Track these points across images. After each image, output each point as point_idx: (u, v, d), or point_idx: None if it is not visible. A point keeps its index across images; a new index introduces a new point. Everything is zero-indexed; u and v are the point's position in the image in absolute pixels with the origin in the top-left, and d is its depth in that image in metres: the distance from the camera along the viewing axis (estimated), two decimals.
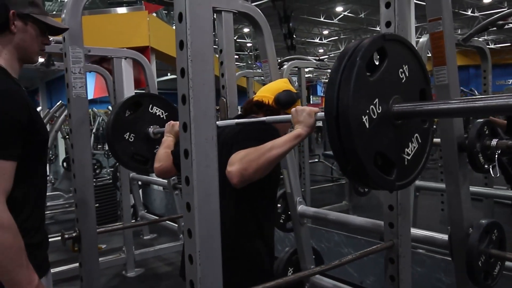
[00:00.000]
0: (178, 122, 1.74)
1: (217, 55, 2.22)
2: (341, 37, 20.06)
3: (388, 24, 1.42)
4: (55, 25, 1.32)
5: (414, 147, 1.05)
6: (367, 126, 0.91)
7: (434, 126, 1.20)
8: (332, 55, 22.94)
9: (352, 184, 4.40)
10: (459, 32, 15.53)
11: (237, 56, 21.18)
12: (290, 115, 1.25)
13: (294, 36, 12.06)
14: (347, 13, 15.57)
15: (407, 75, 1.02)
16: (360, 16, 15.73)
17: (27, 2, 1.24)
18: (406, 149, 1.02)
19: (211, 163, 0.96)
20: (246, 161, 1.16)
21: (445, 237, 1.78)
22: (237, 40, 17.50)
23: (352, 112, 0.88)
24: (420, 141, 1.06)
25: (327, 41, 20.62)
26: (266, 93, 1.57)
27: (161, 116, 2.10)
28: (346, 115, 0.88)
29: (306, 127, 1.20)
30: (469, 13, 14.75)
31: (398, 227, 1.48)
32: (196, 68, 0.93)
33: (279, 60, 6.35)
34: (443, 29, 1.57)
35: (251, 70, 9.44)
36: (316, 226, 3.51)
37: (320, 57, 6.96)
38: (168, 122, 1.79)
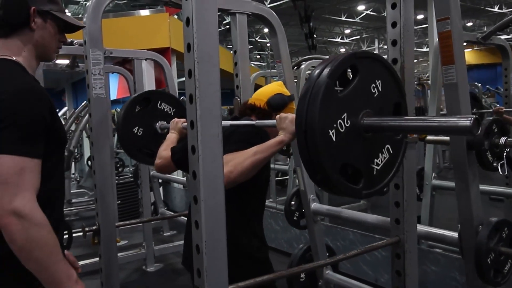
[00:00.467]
0: (182, 120, 1.82)
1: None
2: (363, 36, 19.86)
3: (394, 25, 1.44)
4: (73, 22, 1.31)
5: (385, 158, 1.10)
6: (334, 139, 0.97)
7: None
8: None
9: None
10: (484, 29, 15.14)
11: (258, 56, 21.26)
12: (274, 121, 1.33)
13: (315, 35, 12.04)
14: (369, 11, 15.40)
15: (380, 89, 1.07)
16: (383, 14, 15.54)
17: None
18: (375, 160, 1.08)
19: (217, 158, 1.02)
20: (232, 165, 1.24)
21: (455, 234, 1.79)
22: (258, 40, 17.58)
23: (319, 126, 0.95)
24: (391, 151, 1.11)
25: (349, 40, 20.44)
26: (260, 96, 1.62)
27: (169, 112, 2.19)
28: (313, 129, 0.95)
29: (288, 133, 1.28)
30: (496, 9, 14.38)
31: (404, 223, 1.51)
32: (202, 69, 0.99)
33: (298, 59, 6.38)
34: (451, 28, 1.58)
35: (270, 70, 9.49)
36: (332, 225, 3.53)
37: None
38: (173, 120, 1.87)
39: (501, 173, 1.58)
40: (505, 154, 1.58)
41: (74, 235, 3.33)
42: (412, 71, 1.46)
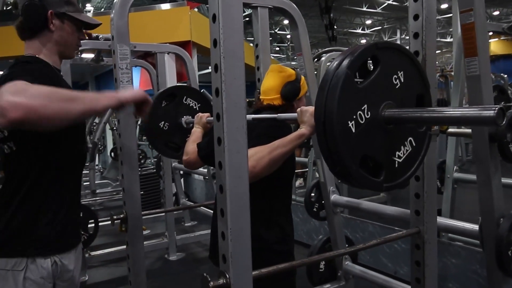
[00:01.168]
0: (206, 114, 1.86)
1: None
2: (385, 26, 19.54)
3: (416, 17, 1.45)
4: (89, 21, 1.42)
5: (407, 150, 1.08)
6: (353, 131, 0.96)
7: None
8: None
9: None
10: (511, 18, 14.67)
11: (278, 48, 21.18)
12: (296, 114, 1.34)
13: (335, 27, 11.92)
14: (391, 1, 15.13)
15: (402, 81, 1.05)
16: (405, 4, 15.25)
17: (63, 1, 1.35)
18: (397, 152, 1.06)
19: (242, 149, 1.06)
20: (255, 159, 1.27)
21: (475, 227, 1.79)
22: (278, 32, 17.50)
23: (337, 117, 0.94)
24: (414, 144, 1.09)
25: (370, 31, 20.15)
26: (272, 94, 1.59)
27: (194, 107, 2.24)
28: (332, 120, 0.94)
29: (309, 127, 1.30)
30: None
31: (424, 215, 1.53)
32: (228, 64, 1.03)
33: (319, 51, 6.35)
34: (475, 20, 1.57)
35: (290, 62, 9.46)
36: (351, 217, 3.55)
37: None
38: (197, 114, 1.90)
39: None
40: None
41: (100, 224, 3.46)
42: (434, 64, 1.46)
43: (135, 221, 1.92)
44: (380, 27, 19.69)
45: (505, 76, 8.77)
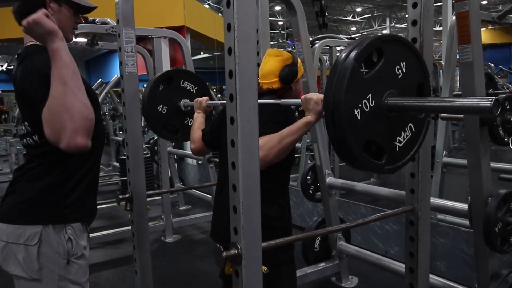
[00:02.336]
0: (205, 98, 1.92)
1: None
2: (375, 14, 19.58)
3: (414, 5, 1.52)
4: (86, 4, 1.44)
5: (407, 136, 1.17)
6: (359, 118, 1.05)
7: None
8: (365, 33, 22.45)
9: None
10: (500, 7, 14.85)
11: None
12: (300, 100, 1.42)
13: (326, 14, 11.94)
14: None
15: (404, 71, 1.13)
16: None
17: None
18: (398, 137, 1.15)
19: (254, 128, 1.13)
20: (267, 148, 1.35)
21: (465, 206, 1.90)
22: (269, 18, 17.43)
23: (345, 106, 1.03)
24: (414, 130, 1.18)
25: (360, 19, 20.17)
26: (270, 77, 1.65)
27: (191, 90, 2.26)
28: (339, 109, 1.03)
29: (314, 114, 1.37)
30: None
31: (419, 193, 1.62)
32: (241, 47, 1.09)
33: (310, 39, 6.39)
34: (469, 9, 1.65)
35: (283, 49, 9.46)
36: (344, 200, 3.66)
37: (352, 35, 6.93)
38: (195, 99, 1.94)
39: (511, 146, 1.68)
40: None
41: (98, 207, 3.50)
42: (430, 49, 1.54)
43: (140, 200, 1.98)
44: (370, 15, 19.73)
45: (492, 65, 8.94)
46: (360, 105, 1.07)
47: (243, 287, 1.16)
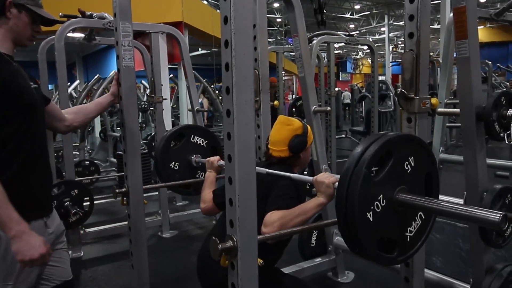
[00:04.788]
0: (216, 158, 1.97)
1: None
2: (373, 11, 19.57)
3: (411, 0, 1.52)
4: (46, 16, 1.51)
5: (417, 224, 1.18)
6: (371, 220, 1.07)
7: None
8: (364, 30, 22.44)
9: None
10: (498, 5, 14.85)
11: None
12: (311, 178, 1.46)
13: (325, 11, 11.91)
14: None
15: (413, 165, 1.15)
16: None
17: None
18: (409, 228, 1.17)
19: (249, 121, 1.13)
20: (277, 226, 1.41)
21: (460, 201, 1.91)
22: (267, 15, 17.41)
23: (358, 210, 1.05)
24: (423, 217, 1.19)
25: (359, 16, 20.16)
26: (280, 146, 1.76)
27: (202, 144, 2.32)
28: (353, 213, 1.05)
29: (326, 196, 1.42)
30: None
31: None
32: (238, 40, 1.09)
33: (308, 36, 6.38)
34: (466, 4, 1.66)
35: (281, 46, 9.46)
36: None
37: (350, 33, 6.93)
38: (207, 159, 2.00)
39: (507, 142, 1.69)
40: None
41: (95, 202, 3.52)
42: (427, 44, 1.54)
43: (137, 194, 1.98)
44: (368, 12, 19.71)
45: (490, 63, 8.96)
46: (372, 207, 1.09)
47: (239, 279, 1.17)
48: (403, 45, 1.62)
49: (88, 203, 3.40)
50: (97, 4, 4.10)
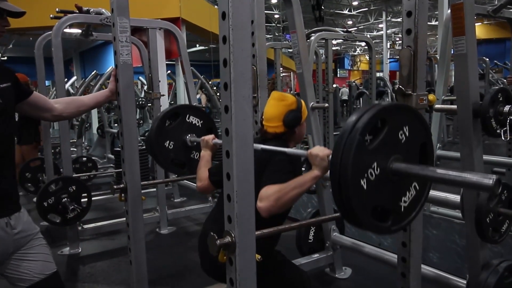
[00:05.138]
0: (211, 137, 1.95)
1: None
2: (371, 8, 19.57)
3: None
4: (11, 9, 1.49)
5: (412, 195, 1.17)
6: (365, 187, 1.06)
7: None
8: (362, 27, 22.43)
9: None
10: (496, 2, 14.88)
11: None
12: (305, 152, 1.45)
13: (323, 7, 11.88)
14: None
15: (407, 134, 1.14)
16: None
17: None
18: (403, 198, 1.16)
19: (247, 117, 1.13)
20: (274, 199, 1.41)
21: (457, 197, 1.92)
22: (265, 11, 17.37)
23: (351, 178, 1.04)
24: (418, 188, 1.19)
25: (357, 13, 20.14)
26: (274, 122, 1.75)
27: (197, 124, 2.29)
28: (346, 180, 1.04)
29: (321, 169, 1.41)
30: None
31: None
32: (236, 36, 1.09)
33: (306, 32, 6.38)
34: (463, 0, 1.66)
35: (279, 42, 9.44)
36: None
37: (348, 29, 6.92)
38: (202, 138, 1.98)
39: (503, 138, 1.70)
40: (508, 121, 1.69)
41: (93, 198, 3.52)
42: (425, 40, 1.54)
43: (134, 190, 1.98)
44: (366, 9, 19.70)
45: (487, 59, 8.97)
46: (365, 175, 1.08)
47: (237, 275, 1.17)
48: (401, 41, 1.62)
49: (86, 199, 3.39)
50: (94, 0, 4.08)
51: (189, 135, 2.26)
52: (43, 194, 3.22)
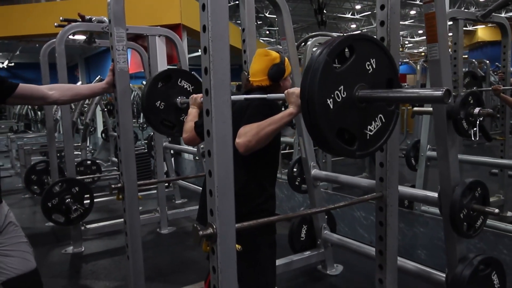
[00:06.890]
0: (200, 95, 2.05)
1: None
2: (374, 12, 19.60)
3: (382, 7, 1.64)
4: None
5: (377, 125, 1.29)
6: (331, 107, 1.17)
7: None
8: (365, 30, 22.49)
9: (372, 156, 4.63)
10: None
11: (268, 32, 21.17)
12: (283, 95, 1.54)
13: (325, 11, 12.01)
14: None
15: (374, 67, 1.25)
16: None
17: None
18: (369, 126, 1.27)
19: (227, 120, 1.25)
20: (250, 135, 1.47)
21: (435, 195, 2.02)
22: (268, 15, 17.50)
23: (318, 96, 1.15)
24: (384, 120, 1.31)
25: (360, 16, 20.20)
26: (259, 76, 1.80)
27: (188, 89, 2.40)
28: (313, 98, 1.15)
29: (296, 106, 1.49)
30: None
31: (387, 181, 1.75)
32: (215, 46, 1.21)
33: (306, 35, 6.50)
34: (435, 10, 1.77)
35: (279, 46, 9.55)
36: (333, 192, 3.79)
37: (344, 33, 7.02)
38: (191, 96, 2.08)
39: (472, 138, 1.80)
40: (478, 122, 1.79)
41: (95, 200, 3.65)
42: (397, 48, 1.66)
43: (131, 190, 2.11)
44: (369, 12, 19.76)
45: (487, 61, 9.01)
46: (332, 95, 1.18)
47: (218, 263, 1.29)
48: (409, 44, 1.73)
49: (89, 200, 3.53)
50: (96, 9, 4.23)
51: (179, 97, 2.36)
52: (48, 195, 3.37)
